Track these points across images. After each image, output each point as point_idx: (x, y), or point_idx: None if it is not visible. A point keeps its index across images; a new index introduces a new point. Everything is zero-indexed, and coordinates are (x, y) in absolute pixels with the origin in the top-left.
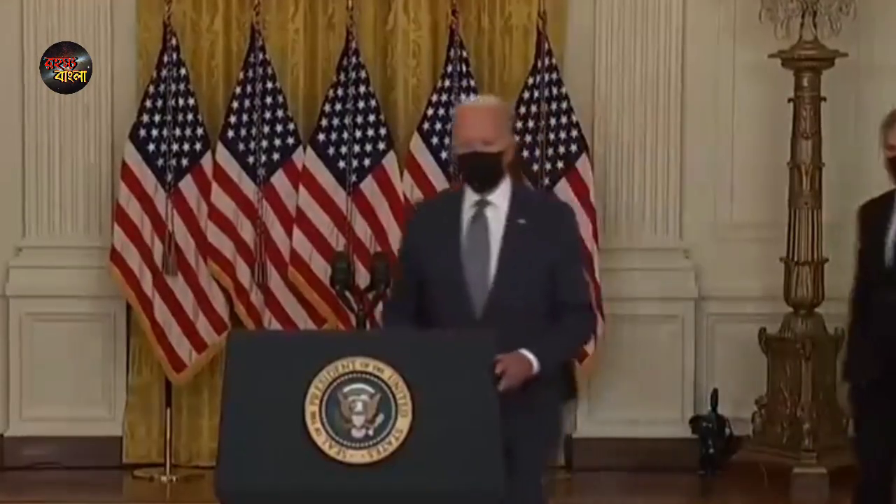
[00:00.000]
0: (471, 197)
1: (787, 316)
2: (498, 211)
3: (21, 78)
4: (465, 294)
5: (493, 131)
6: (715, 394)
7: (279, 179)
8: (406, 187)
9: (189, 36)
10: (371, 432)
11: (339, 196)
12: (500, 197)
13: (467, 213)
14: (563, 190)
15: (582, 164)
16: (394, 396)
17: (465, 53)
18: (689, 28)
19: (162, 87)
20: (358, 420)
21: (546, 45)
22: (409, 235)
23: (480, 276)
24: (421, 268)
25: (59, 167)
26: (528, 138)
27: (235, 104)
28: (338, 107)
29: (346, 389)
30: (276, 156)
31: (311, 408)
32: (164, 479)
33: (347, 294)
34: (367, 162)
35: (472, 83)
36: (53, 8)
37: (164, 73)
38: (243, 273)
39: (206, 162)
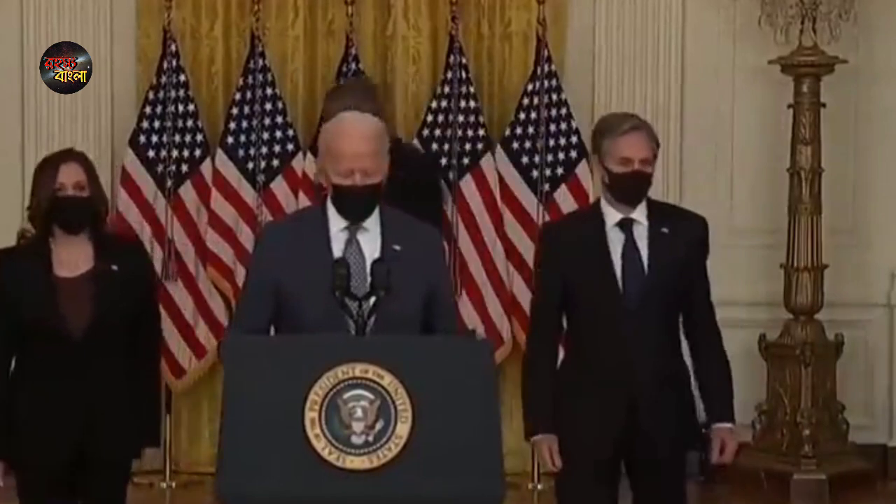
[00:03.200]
0: (338, 220)
1: (787, 322)
2: (370, 235)
3: (21, 85)
4: (343, 324)
5: (376, 160)
6: None
7: (279, 186)
8: None
9: (189, 42)
10: (371, 438)
11: None
12: (372, 220)
13: (337, 237)
14: (563, 196)
15: (581, 170)
16: (393, 402)
17: (464, 60)
18: (688, 34)
19: (162, 94)
20: (358, 426)
21: (545, 52)
22: (264, 262)
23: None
24: (282, 297)
25: None
26: (528, 144)
27: (235, 110)
28: None
29: (346, 395)
30: (275, 162)
31: (311, 414)
32: (163, 485)
33: (347, 300)
34: None
35: (472, 89)
36: (53, 13)
37: (163, 79)
38: (243, 279)
39: (206, 168)
